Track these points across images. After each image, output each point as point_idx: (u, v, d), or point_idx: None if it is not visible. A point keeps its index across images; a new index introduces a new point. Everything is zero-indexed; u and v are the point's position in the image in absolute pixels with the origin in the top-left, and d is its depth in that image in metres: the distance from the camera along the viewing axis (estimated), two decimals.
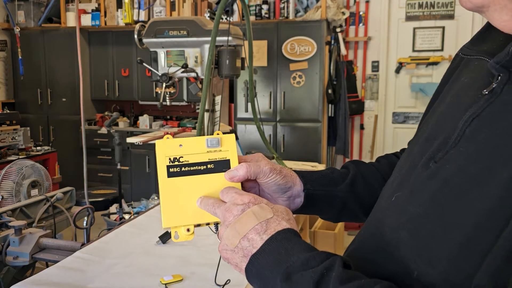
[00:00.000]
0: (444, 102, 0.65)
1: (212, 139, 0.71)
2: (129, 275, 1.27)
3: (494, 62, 0.52)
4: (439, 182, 0.54)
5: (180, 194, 0.69)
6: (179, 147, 0.70)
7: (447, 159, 0.55)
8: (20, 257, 1.53)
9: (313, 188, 0.76)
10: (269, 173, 0.70)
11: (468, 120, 0.54)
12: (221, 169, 0.70)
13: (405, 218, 0.56)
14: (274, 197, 0.74)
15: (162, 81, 2.52)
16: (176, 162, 0.70)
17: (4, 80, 5.87)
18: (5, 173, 2.99)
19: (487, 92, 0.54)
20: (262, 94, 4.92)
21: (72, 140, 5.62)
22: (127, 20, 5.23)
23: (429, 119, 0.67)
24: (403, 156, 0.69)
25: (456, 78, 0.66)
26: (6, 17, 5.76)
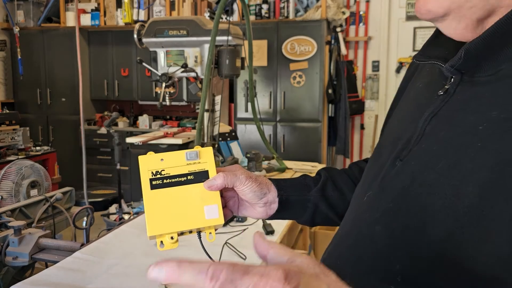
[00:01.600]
0: (403, 107, 0.70)
1: (191, 152, 0.76)
2: (129, 275, 1.27)
3: (449, 66, 0.56)
4: (407, 178, 0.58)
5: (163, 204, 0.74)
6: (161, 161, 0.76)
7: (411, 156, 0.59)
8: (20, 258, 1.52)
9: (287, 194, 0.82)
10: (245, 181, 0.76)
11: (427, 119, 0.59)
12: (200, 179, 0.76)
13: (378, 214, 0.60)
14: (251, 204, 0.80)
15: (161, 81, 2.51)
16: (158, 175, 0.76)
17: (4, 80, 5.87)
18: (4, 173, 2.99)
19: (442, 93, 0.59)
20: (262, 94, 4.92)
21: (71, 140, 5.61)
22: (126, 19, 5.23)
23: (391, 124, 0.73)
24: (370, 160, 0.74)
25: (412, 85, 0.72)
26: (6, 17, 5.75)
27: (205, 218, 0.74)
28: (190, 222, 0.74)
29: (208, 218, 0.74)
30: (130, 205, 3.36)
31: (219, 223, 0.75)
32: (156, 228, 0.73)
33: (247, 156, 2.24)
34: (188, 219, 0.74)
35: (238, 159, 2.58)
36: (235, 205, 0.81)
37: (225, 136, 2.71)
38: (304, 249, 2.10)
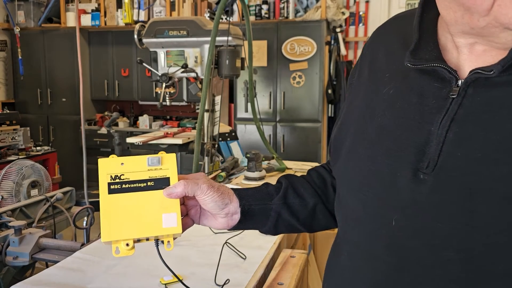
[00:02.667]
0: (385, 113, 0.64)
1: (153, 158, 0.75)
2: (129, 275, 1.27)
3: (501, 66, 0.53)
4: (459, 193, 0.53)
5: (120, 210, 0.73)
6: (121, 165, 0.74)
7: (444, 167, 0.54)
8: (20, 257, 1.53)
9: (249, 203, 0.80)
10: (206, 191, 0.74)
11: (445, 124, 0.55)
12: (160, 186, 0.74)
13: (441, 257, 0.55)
14: (213, 214, 0.78)
15: (162, 81, 2.52)
16: (117, 179, 0.74)
17: (4, 80, 5.87)
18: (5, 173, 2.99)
19: (455, 96, 0.56)
20: (262, 94, 4.92)
21: (72, 140, 5.62)
22: (127, 20, 5.23)
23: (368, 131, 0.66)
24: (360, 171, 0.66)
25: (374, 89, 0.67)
26: (6, 17, 5.76)
27: (162, 227, 0.73)
28: (146, 229, 0.72)
29: (166, 226, 0.73)
30: None
31: (176, 232, 0.73)
32: (111, 234, 0.72)
33: (247, 156, 2.25)
34: (145, 226, 0.72)
35: (238, 159, 2.58)
36: (196, 214, 0.79)
37: (225, 136, 2.72)
38: (304, 249, 2.11)
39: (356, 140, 0.69)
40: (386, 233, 0.61)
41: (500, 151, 0.50)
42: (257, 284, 1.21)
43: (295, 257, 1.39)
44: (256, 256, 1.37)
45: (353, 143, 0.70)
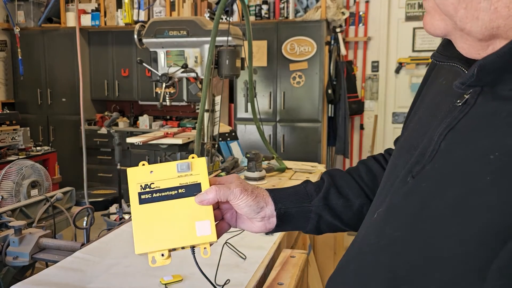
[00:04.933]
0: (420, 111, 0.64)
1: (182, 163, 0.73)
2: (129, 275, 1.27)
3: (460, 83, 0.51)
4: (417, 203, 0.53)
5: (152, 220, 0.71)
6: (150, 173, 0.72)
7: (423, 176, 0.54)
8: (20, 257, 1.53)
9: (285, 207, 0.76)
10: (239, 195, 0.71)
11: (443, 133, 0.54)
12: (192, 193, 0.72)
13: (383, 242, 0.56)
14: (249, 218, 0.75)
15: (162, 81, 2.52)
16: (147, 188, 0.72)
17: (4, 80, 5.87)
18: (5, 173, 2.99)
19: (460, 104, 0.53)
20: (262, 94, 4.92)
21: (72, 140, 5.62)
22: (127, 20, 5.23)
23: (411, 122, 0.66)
24: (390, 162, 0.68)
25: (429, 87, 0.66)
26: (6, 17, 5.76)
27: (196, 235, 0.71)
28: (180, 239, 0.70)
29: (200, 235, 0.71)
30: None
31: (211, 240, 0.71)
32: (145, 245, 0.70)
33: (247, 156, 2.25)
34: (178, 236, 0.71)
35: (238, 159, 2.58)
36: (232, 218, 0.77)
37: (225, 136, 2.72)
38: (304, 249, 2.11)
39: (403, 132, 0.70)
40: (368, 223, 0.63)
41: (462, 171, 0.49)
42: (257, 284, 1.21)
43: (295, 257, 1.39)
44: (256, 256, 1.37)
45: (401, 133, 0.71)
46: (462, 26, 0.49)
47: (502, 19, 0.45)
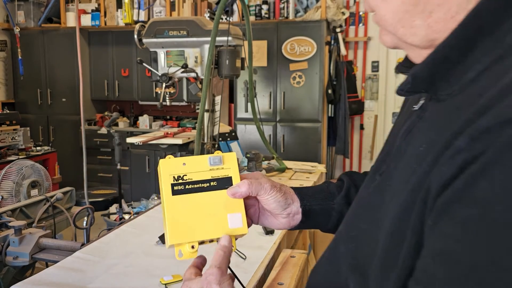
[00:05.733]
0: (403, 109, 0.71)
1: (215, 157, 0.73)
2: (129, 275, 1.27)
3: (399, 89, 0.55)
4: (378, 199, 0.57)
5: (185, 211, 0.71)
6: (183, 165, 0.73)
7: (387, 175, 0.59)
8: (20, 257, 1.53)
9: (310, 204, 0.78)
10: (269, 190, 0.73)
11: (403, 135, 0.58)
12: (223, 186, 0.72)
13: (353, 233, 0.61)
14: (273, 214, 0.77)
15: (162, 81, 2.52)
16: (180, 180, 0.72)
17: (4, 80, 5.87)
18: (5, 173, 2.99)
19: (416, 108, 0.58)
20: (262, 94, 4.92)
21: (72, 140, 5.62)
22: (127, 20, 5.23)
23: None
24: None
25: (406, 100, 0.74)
26: (6, 17, 5.76)
27: (229, 227, 0.71)
28: (213, 230, 0.71)
29: (232, 227, 0.71)
30: (131, 205, 3.36)
31: (243, 232, 0.72)
32: (178, 236, 0.70)
33: (247, 156, 2.25)
34: (211, 227, 0.71)
35: (238, 159, 2.58)
36: (255, 214, 0.78)
37: (225, 136, 2.72)
38: (304, 249, 2.11)
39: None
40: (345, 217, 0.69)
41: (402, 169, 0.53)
42: (257, 284, 1.21)
43: (295, 257, 1.39)
44: (256, 256, 1.37)
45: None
46: (404, 40, 0.55)
47: (436, 33, 0.51)
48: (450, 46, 0.50)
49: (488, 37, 0.48)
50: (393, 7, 0.53)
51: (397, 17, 0.53)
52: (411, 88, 0.54)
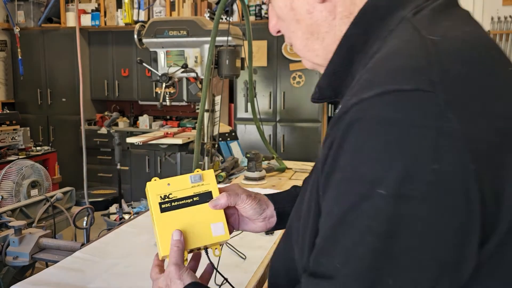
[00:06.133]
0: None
1: (195, 175, 0.84)
2: (129, 275, 1.27)
3: (311, 98, 0.70)
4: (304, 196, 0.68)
5: (173, 225, 0.80)
6: (167, 185, 0.83)
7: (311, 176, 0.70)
8: (20, 257, 1.53)
9: (282, 206, 0.90)
10: (246, 199, 0.85)
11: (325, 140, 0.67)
12: (205, 200, 0.83)
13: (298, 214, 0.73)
14: (252, 220, 0.88)
15: (162, 81, 2.52)
16: (166, 198, 0.82)
17: (4, 80, 5.87)
18: (5, 173, 2.99)
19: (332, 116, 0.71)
20: (262, 94, 4.92)
21: (72, 140, 5.62)
22: (127, 20, 5.23)
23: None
24: None
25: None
26: (6, 17, 5.76)
27: (212, 235, 0.81)
28: (199, 239, 0.81)
29: (215, 235, 0.81)
30: (131, 205, 3.37)
31: (225, 239, 0.82)
32: (168, 247, 0.79)
33: (247, 156, 2.25)
34: (197, 237, 0.81)
35: (238, 159, 2.58)
36: (236, 221, 0.89)
37: (225, 136, 2.72)
38: None
39: None
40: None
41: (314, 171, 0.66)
42: (257, 284, 1.22)
43: None
44: (256, 256, 1.37)
45: None
46: (313, 61, 0.70)
47: (331, 53, 0.65)
48: (333, 62, 0.65)
49: (360, 53, 0.62)
50: (300, 38, 0.69)
51: (302, 45, 0.69)
52: (319, 96, 0.68)
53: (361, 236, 0.50)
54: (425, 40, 0.53)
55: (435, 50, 0.52)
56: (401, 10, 0.59)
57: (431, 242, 0.49)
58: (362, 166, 0.51)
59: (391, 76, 0.52)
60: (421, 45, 0.53)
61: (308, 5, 0.65)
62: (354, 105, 0.52)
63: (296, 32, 0.69)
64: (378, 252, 0.49)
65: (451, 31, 0.55)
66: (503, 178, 0.49)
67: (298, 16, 0.67)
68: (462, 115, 0.49)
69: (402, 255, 0.49)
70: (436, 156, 0.48)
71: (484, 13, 4.79)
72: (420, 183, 0.48)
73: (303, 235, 0.64)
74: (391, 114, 0.49)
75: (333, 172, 0.55)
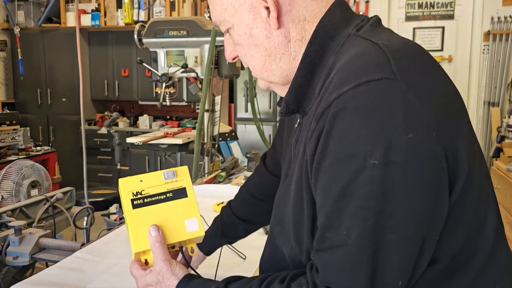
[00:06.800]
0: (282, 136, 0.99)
1: (168, 171, 0.83)
2: (129, 275, 1.27)
3: (280, 113, 0.81)
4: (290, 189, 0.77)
5: (146, 221, 0.79)
6: (140, 182, 0.81)
7: (290, 174, 0.80)
8: (20, 257, 1.53)
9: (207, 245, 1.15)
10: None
11: (293, 146, 0.83)
12: (179, 196, 0.82)
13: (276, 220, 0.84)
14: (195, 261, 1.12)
15: (162, 81, 2.52)
16: (138, 195, 0.80)
17: (4, 80, 5.87)
18: (5, 173, 2.99)
19: (297, 126, 0.83)
20: (262, 94, 4.92)
21: (72, 140, 5.62)
22: (127, 20, 5.23)
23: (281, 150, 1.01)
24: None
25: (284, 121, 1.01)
26: (6, 17, 5.76)
27: (187, 231, 0.80)
28: (173, 235, 0.79)
29: (190, 230, 0.80)
30: None
31: (200, 234, 0.81)
32: (141, 244, 0.78)
33: (247, 156, 2.25)
34: (171, 233, 0.79)
35: (238, 159, 2.58)
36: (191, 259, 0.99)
37: (225, 136, 2.72)
38: None
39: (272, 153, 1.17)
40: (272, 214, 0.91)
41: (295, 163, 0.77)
42: None
43: None
44: (256, 256, 1.37)
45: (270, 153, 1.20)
46: (269, 80, 0.81)
47: (287, 71, 0.78)
48: (299, 76, 0.75)
49: (319, 66, 0.74)
50: (257, 61, 0.79)
51: (260, 66, 0.79)
52: (287, 111, 0.78)
53: (363, 202, 0.60)
54: (377, 44, 0.67)
55: (387, 50, 0.65)
56: (344, 30, 0.74)
57: (418, 196, 0.61)
58: (353, 145, 0.61)
59: (361, 71, 0.63)
60: (376, 48, 0.67)
61: (266, 31, 0.76)
62: (336, 98, 0.63)
63: (254, 56, 0.79)
64: (378, 212, 0.60)
65: (390, 38, 0.71)
66: (455, 142, 0.64)
67: (256, 41, 0.77)
68: (419, 96, 0.62)
69: (397, 212, 0.60)
70: (409, 128, 0.60)
71: (484, 13, 4.78)
72: (401, 150, 0.60)
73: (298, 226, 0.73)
74: (368, 99, 0.61)
75: (323, 159, 0.64)
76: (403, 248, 0.62)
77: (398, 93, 0.61)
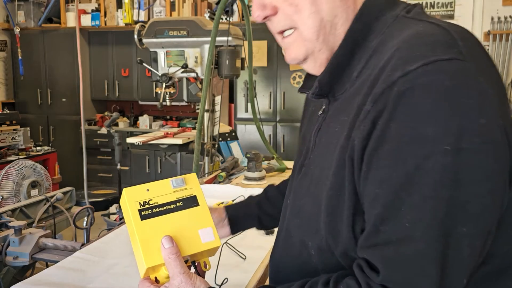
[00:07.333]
0: (304, 125, 0.92)
1: (177, 179, 0.77)
2: (129, 275, 1.27)
3: (312, 94, 0.75)
4: (308, 179, 0.75)
5: (157, 234, 0.72)
6: (147, 191, 0.75)
7: (310, 162, 0.77)
8: (20, 257, 1.53)
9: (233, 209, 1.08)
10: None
11: (315, 133, 0.77)
12: (190, 205, 0.76)
13: (294, 211, 0.79)
14: (217, 227, 0.98)
15: (162, 81, 2.52)
16: (146, 205, 0.74)
17: (4, 80, 5.87)
18: (5, 173, 2.99)
19: (321, 113, 0.78)
20: (262, 94, 4.92)
21: (72, 140, 5.62)
22: (127, 20, 5.23)
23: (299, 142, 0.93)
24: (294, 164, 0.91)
25: (307, 109, 0.93)
26: (6, 17, 5.76)
27: (202, 242, 0.73)
28: (187, 248, 0.72)
29: (205, 241, 0.74)
30: None
31: (216, 245, 0.74)
32: (154, 258, 0.71)
33: (247, 156, 2.25)
34: (185, 245, 0.72)
35: (238, 159, 2.58)
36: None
37: (225, 136, 2.72)
38: None
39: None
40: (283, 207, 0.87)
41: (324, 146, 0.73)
42: (257, 284, 1.21)
43: None
44: (256, 256, 1.37)
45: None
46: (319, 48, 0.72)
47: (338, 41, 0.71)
48: (340, 54, 0.70)
49: (362, 46, 0.69)
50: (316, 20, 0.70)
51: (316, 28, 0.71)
52: (319, 91, 0.73)
53: (432, 191, 0.55)
54: (441, 25, 0.63)
55: (452, 31, 0.61)
56: (391, 11, 0.70)
57: (488, 185, 0.56)
58: (421, 128, 0.56)
59: (428, 49, 0.59)
60: (441, 29, 0.62)
61: None
62: (400, 77, 0.58)
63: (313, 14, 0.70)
64: (450, 202, 0.55)
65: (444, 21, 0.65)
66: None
67: None
68: (487, 80, 0.58)
69: (470, 202, 0.56)
70: (482, 112, 0.56)
71: (484, 13, 4.78)
72: (474, 136, 0.55)
73: (333, 217, 0.67)
74: (438, 79, 0.56)
75: (381, 144, 0.59)
76: (473, 242, 0.57)
77: (470, 75, 0.57)
